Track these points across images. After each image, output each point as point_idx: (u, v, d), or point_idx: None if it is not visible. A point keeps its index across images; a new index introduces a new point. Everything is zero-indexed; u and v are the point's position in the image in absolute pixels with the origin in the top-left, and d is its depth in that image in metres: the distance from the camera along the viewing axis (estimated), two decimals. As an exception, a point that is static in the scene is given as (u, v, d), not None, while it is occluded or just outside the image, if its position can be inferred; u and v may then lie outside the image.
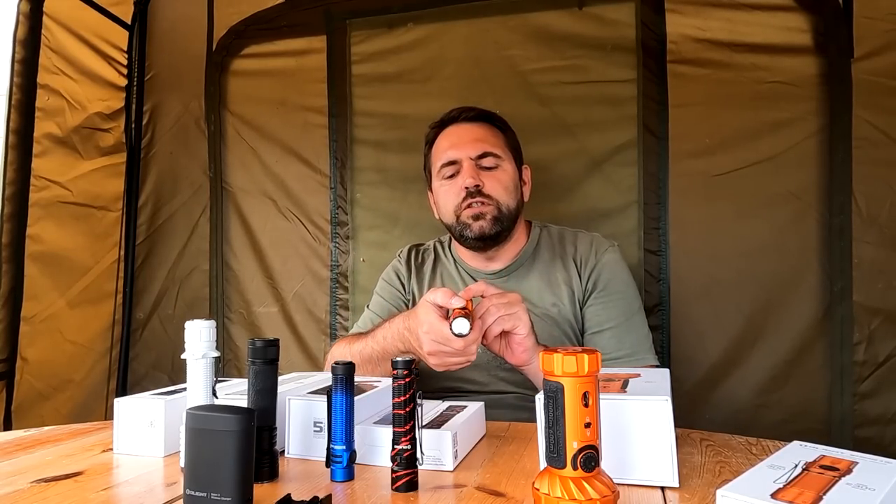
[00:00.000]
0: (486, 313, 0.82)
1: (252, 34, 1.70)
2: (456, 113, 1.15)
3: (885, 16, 1.30)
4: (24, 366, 1.40)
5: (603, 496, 0.49)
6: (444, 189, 1.11)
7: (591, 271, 1.08)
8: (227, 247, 1.71)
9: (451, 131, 1.13)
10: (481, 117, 1.14)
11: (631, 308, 1.08)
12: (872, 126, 1.30)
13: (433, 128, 1.17)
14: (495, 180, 1.08)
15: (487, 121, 1.14)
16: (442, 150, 1.12)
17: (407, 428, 0.60)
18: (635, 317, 1.08)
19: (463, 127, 1.13)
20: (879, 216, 1.30)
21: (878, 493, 0.48)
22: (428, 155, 1.18)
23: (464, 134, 1.11)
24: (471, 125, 1.12)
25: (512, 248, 1.13)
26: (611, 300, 1.07)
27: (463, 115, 1.13)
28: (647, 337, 1.07)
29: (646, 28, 1.43)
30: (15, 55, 1.40)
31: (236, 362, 1.69)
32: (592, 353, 0.50)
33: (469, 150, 1.08)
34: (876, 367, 1.29)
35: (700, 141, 1.40)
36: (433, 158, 1.15)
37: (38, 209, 1.44)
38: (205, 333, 0.64)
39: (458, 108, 1.15)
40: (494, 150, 1.09)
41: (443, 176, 1.11)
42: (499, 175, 1.08)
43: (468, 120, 1.13)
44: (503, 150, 1.11)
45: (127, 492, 0.63)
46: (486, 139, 1.10)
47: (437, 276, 1.19)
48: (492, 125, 1.14)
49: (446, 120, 1.15)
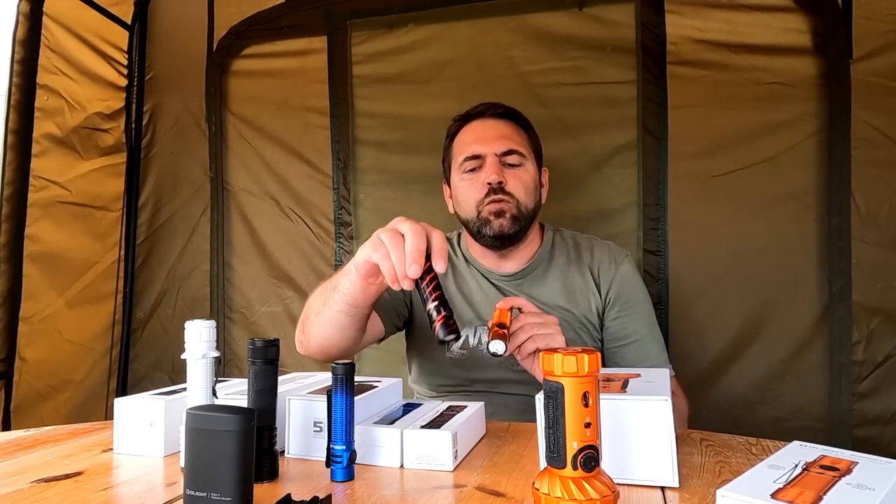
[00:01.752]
0: (520, 330, 0.82)
1: (252, 34, 1.70)
2: (483, 108, 1.11)
3: (884, 17, 1.30)
4: (23, 366, 1.40)
5: (603, 496, 0.49)
6: (464, 183, 1.08)
7: (611, 283, 1.08)
8: (229, 247, 1.71)
9: (477, 126, 1.11)
10: (507, 115, 1.12)
11: (651, 318, 1.09)
12: (871, 127, 1.30)
13: (457, 121, 1.15)
14: (518, 179, 1.06)
15: (513, 119, 1.12)
16: (466, 144, 1.09)
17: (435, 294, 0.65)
18: (654, 326, 1.09)
19: (489, 123, 1.10)
20: (878, 216, 1.30)
21: (878, 494, 0.48)
22: (449, 148, 1.15)
23: (489, 129, 1.09)
24: (496, 121, 1.10)
25: (526, 251, 1.12)
26: (634, 312, 1.07)
27: (490, 110, 1.11)
28: (664, 345, 1.09)
29: (645, 29, 1.43)
30: (14, 55, 1.40)
31: (237, 362, 1.69)
32: (592, 353, 0.50)
33: (494, 146, 1.06)
34: (875, 367, 1.29)
35: (699, 142, 1.40)
36: (455, 151, 1.12)
37: (36, 209, 1.44)
38: (205, 333, 0.64)
39: (485, 104, 1.12)
40: (519, 148, 1.07)
41: (464, 170, 1.08)
42: (521, 174, 1.07)
43: (494, 116, 1.11)
44: (527, 149, 1.09)
45: (127, 492, 0.63)
46: (511, 137, 1.08)
47: (447, 273, 1.16)
48: (517, 124, 1.12)
49: (472, 114, 1.13)
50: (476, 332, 1.07)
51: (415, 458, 0.67)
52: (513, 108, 1.13)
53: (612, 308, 1.08)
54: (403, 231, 0.70)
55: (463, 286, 1.13)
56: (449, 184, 1.15)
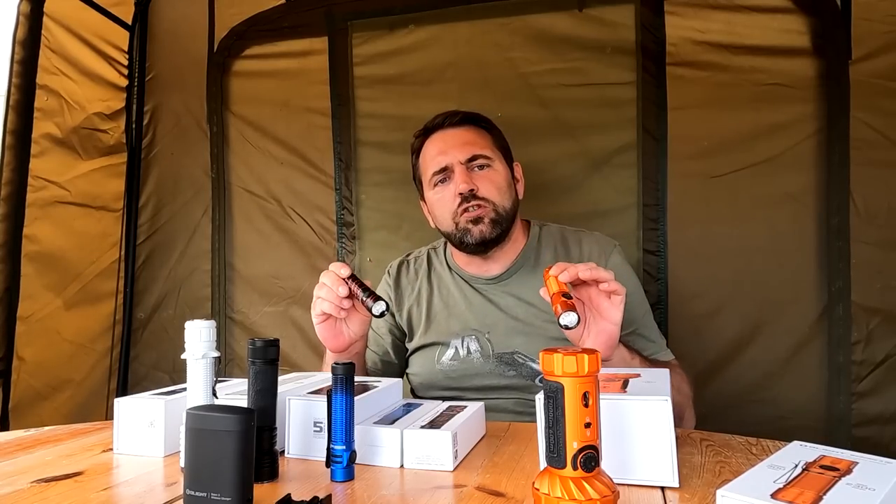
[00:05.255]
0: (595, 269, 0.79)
1: (253, 35, 1.70)
2: (440, 119, 1.12)
3: (882, 18, 1.30)
4: (21, 365, 1.40)
5: (603, 496, 0.49)
6: (437, 197, 1.09)
7: None
8: (230, 247, 1.72)
9: (438, 138, 1.11)
10: (466, 120, 1.12)
11: (644, 305, 1.09)
12: (870, 127, 1.31)
13: (418, 136, 1.15)
14: (488, 182, 1.06)
15: (472, 123, 1.12)
16: (431, 158, 1.10)
17: None
18: (648, 313, 1.09)
19: (449, 132, 1.10)
20: (877, 216, 1.30)
21: (878, 494, 0.48)
22: (416, 165, 1.16)
23: (450, 139, 1.09)
24: (456, 129, 1.10)
25: (511, 250, 1.11)
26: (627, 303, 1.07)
27: (447, 120, 1.11)
28: (660, 331, 1.09)
29: (645, 30, 1.43)
30: (14, 55, 1.40)
31: (238, 362, 1.69)
32: (592, 353, 0.50)
33: (458, 155, 1.06)
34: (874, 367, 1.29)
35: (699, 143, 1.40)
36: (423, 168, 1.13)
37: (35, 209, 1.44)
38: (205, 333, 0.65)
39: (442, 114, 1.13)
40: (484, 151, 1.08)
41: (435, 184, 1.09)
42: (491, 176, 1.07)
43: (453, 125, 1.11)
44: (492, 150, 1.09)
45: (127, 492, 0.63)
46: (474, 142, 1.08)
47: (431, 285, 1.16)
48: (477, 126, 1.12)
49: (430, 127, 1.13)
50: (464, 343, 1.08)
51: (415, 458, 0.67)
52: (470, 112, 1.13)
53: None
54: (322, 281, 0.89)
55: (448, 299, 1.13)
56: (424, 199, 1.15)
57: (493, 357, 1.05)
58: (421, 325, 1.13)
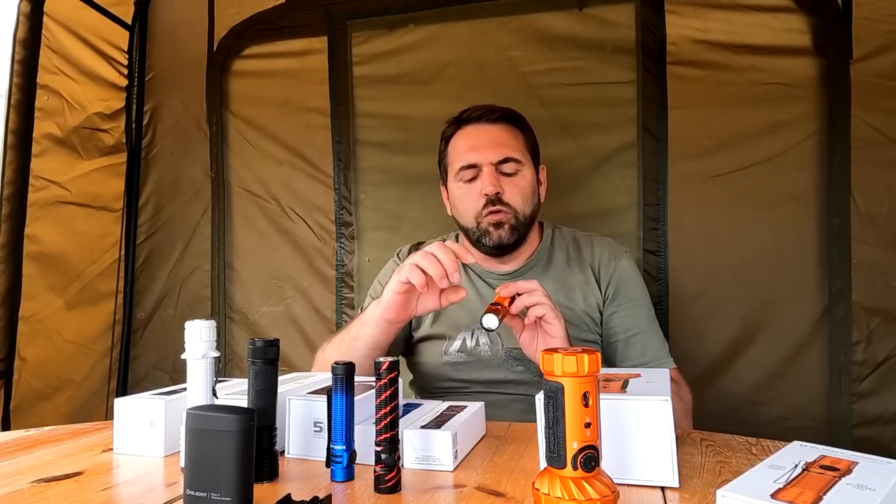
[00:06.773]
0: (528, 294, 0.87)
1: (253, 35, 1.70)
2: (477, 113, 1.09)
3: (883, 17, 1.30)
4: (23, 365, 1.40)
5: (603, 496, 0.49)
6: (461, 192, 1.08)
7: (610, 279, 1.08)
8: (230, 247, 1.72)
9: (471, 132, 1.08)
10: (502, 118, 1.09)
11: (650, 313, 1.09)
12: (871, 127, 1.31)
13: (451, 124, 1.12)
14: (515, 187, 1.05)
15: (508, 121, 1.10)
16: (461, 153, 1.07)
17: (388, 433, 0.59)
18: (654, 321, 1.09)
19: (484, 129, 1.08)
20: (878, 216, 1.30)
21: (878, 494, 0.48)
22: (444, 152, 1.13)
23: (484, 136, 1.07)
24: (492, 127, 1.08)
25: (525, 250, 1.12)
26: (633, 307, 1.08)
27: (484, 115, 1.09)
28: (664, 339, 1.09)
29: (645, 29, 1.43)
30: (15, 55, 1.40)
31: (238, 362, 1.69)
32: (592, 353, 0.50)
33: (490, 155, 1.05)
34: (875, 367, 1.29)
35: (699, 142, 1.40)
36: (451, 158, 1.10)
37: (36, 209, 1.44)
38: (205, 333, 0.64)
39: (479, 108, 1.09)
40: (515, 154, 1.06)
41: (461, 179, 1.07)
42: (518, 182, 1.06)
43: (489, 121, 1.09)
44: (523, 153, 1.08)
45: (127, 492, 0.63)
46: (507, 143, 1.07)
47: None
48: (512, 126, 1.10)
49: (465, 119, 1.09)
50: (473, 335, 1.08)
51: (415, 458, 0.67)
52: (508, 110, 1.12)
53: (611, 303, 1.08)
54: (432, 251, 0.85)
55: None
56: (446, 186, 1.15)
57: (502, 351, 1.06)
58: (430, 315, 1.11)
